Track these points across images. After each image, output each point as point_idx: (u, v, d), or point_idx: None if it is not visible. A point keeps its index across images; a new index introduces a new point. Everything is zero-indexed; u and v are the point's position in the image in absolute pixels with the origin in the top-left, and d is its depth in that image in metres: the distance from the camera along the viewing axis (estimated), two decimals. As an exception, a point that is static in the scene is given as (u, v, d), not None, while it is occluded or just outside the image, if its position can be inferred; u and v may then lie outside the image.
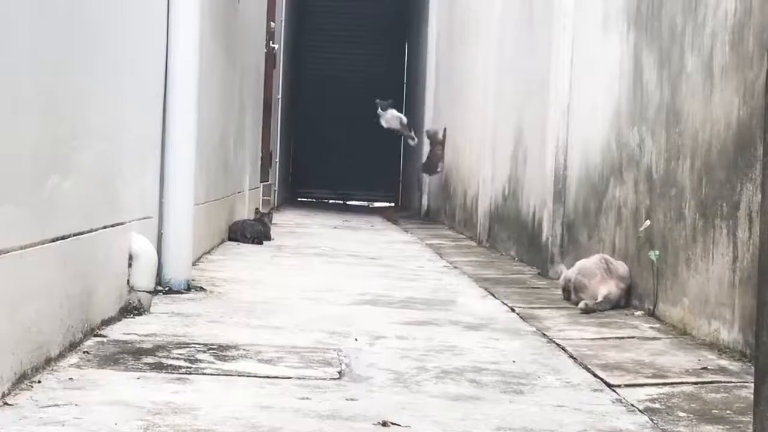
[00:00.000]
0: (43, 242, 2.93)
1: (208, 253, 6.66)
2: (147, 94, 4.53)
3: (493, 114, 8.86)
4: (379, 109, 12.78)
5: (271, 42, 11.61)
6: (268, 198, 11.92)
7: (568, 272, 5.15)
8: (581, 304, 4.74)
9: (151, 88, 4.62)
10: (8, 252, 2.63)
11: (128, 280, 4.04)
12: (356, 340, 3.80)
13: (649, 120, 4.81)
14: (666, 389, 3.17)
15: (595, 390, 3.15)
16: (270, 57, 11.64)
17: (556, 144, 6.33)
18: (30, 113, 2.83)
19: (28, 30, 2.79)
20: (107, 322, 3.73)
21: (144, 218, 4.40)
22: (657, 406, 2.94)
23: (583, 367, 3.48)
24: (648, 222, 4.72)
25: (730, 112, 3.89)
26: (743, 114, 3.78)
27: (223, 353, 3.39)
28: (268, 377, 3.08)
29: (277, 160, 13.74)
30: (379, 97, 13.19)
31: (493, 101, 8.94)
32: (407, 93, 18.74)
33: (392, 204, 18.03)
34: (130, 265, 4.05)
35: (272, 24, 11.67)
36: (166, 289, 4.75)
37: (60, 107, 3.12)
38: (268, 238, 8.12)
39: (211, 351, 3.41)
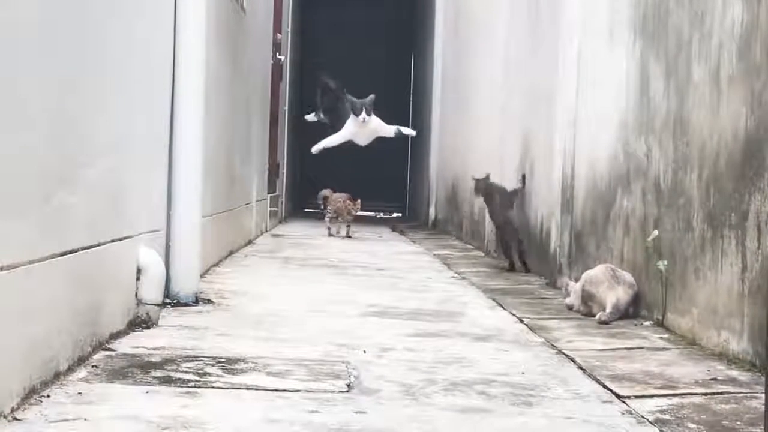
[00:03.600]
0: (51, 257, 2.93)
1: (216, 265, 6.65)
2: (154, 107, 4.54)
3: (500, 124, 8.86)
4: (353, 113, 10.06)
5: (277, 53, 11.63)
6: (275, 209, 11.92)
7: (575, 285, 5.14)
8: (598, 316, 4.73)
9: (159, 101, 4.63)
10: (16, 267, 2.63)
11: (136, 294, 4.04)
12: (365, 352, 3.80)
13: (657, 130, 4.80)
14: (676, 400, 3.16)
15: (605, 401, 3.14)
16: (276, 68, 11.66)
17: (563, 154, 6.32)
18: (38, 130, 2.84)
19: (38, 50, 2.79)
20: (116, 336, 3.73)
21: (152, 231, 4.40)
22: (667, 417, 2.94)
23: (593, 378, 3.47)
24: (656, 232, 4.71)
25: (737, 122, 3.89)
26: (750, 124, 3.78)
27: (232, 366, 3.39)
28: (276, 390, 3.07)
29: (284, 171, 13.75)
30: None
31: (499, 112, 8.94)
32: (414, 103, 18.75)
33: (399, 214, 18.02)
34: (138, 279, 4.05)
35: (278, 36, 11.69)
36: (175, 301, 4.75)
37: (68, 124, 3.12)
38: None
39: (219, 364, 3.41)
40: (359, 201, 10.78)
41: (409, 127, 12.69)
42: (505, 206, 7.44)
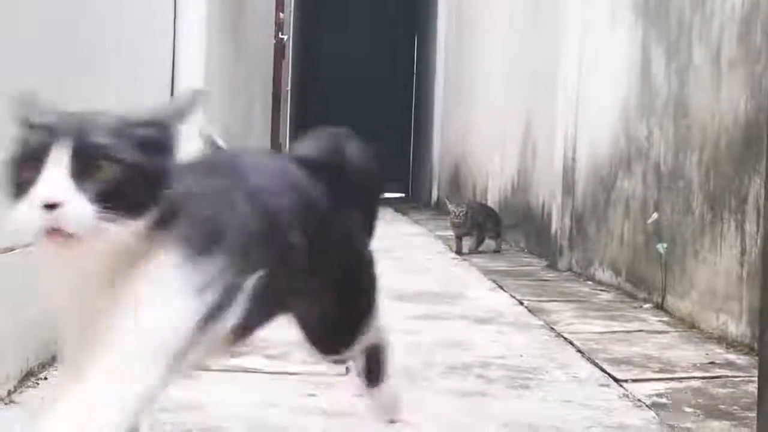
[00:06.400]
0: (50, 239, 2.93)
1: (217, 246, 6.65)
2: (153, 90, 4.53)
3: (502, 106, 8.85)
4: None
5: (280, 33, 11.60)
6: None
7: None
8: None
9: (158, 82, 4.62)
10: (14, 249, 2.63)
11: (136, 276, 4.02)
12: (364, 334, 3.79)
13: (658, 113, 4.80)
14: (673, 384, 3.16)
15: (602, 385, 3.14)
16: (279, 49, 11.64)
17: (565, 136, 6.32)
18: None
19: (36, 27, 2.79)
20: (115, 318, 3.73)
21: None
22: (664, 401, 2.94)
23: (591, 362, 3.47)
24: (656, 214, 4.71)
25: (737, 105, 3.88)
26: (750, 107, 3.77)
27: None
28: (275, 373, 3.08)
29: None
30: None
31: (501, 94, 8.93)
32: (417, 84, 18.73)
33: (402, 195, 18.02)
34: (138, 261, 4.04)
35: (281, 15, 11.66)
36: (175, 283, 4.74)
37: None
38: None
39: (218, 346, 3.41)
40: None
41: None
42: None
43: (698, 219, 4.24)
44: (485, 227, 7.40)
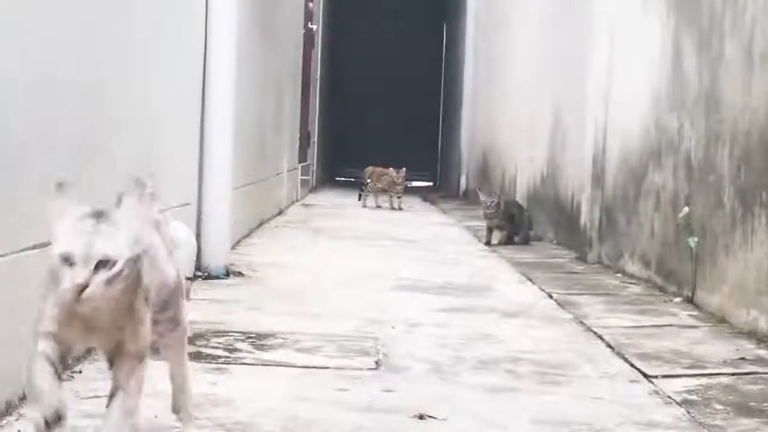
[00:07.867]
0: (83, 233, 2.95)
1: (247, 236, 6.69)
2: (186, 81, 4.55)
3: (532, 97, 8.83)
4: None
5: (309, 22, 11.61)
6: (306, 178, 11.94)
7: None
8: None
9: (190, 75, 4.64)
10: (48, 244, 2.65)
11: (168, 267, 4.04)
12: (393, 328, 3.81)
13: (689, 106, 4.77)
14: (703, 380, 3.16)
15: (632, 381, 3.14)
16: (308, 37, 11.64)
17: (595, 127, 6.30)
18: (70, 107, 2.86)
19: (66, 22, 2.81)
20: (147, 310, 3.75)
21: (183, 204, 4.42)
22: (694, 398, 2.93)
23: (621, 357, 3.47)
24: (687, 208, 4.69)
25: (770, 99, 3.86)
26: (783, 102, 3.75)
27: (262, 342, 3.41)
28: (305, 367, 3.10)
29: (315, 140, 13.75)
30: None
31: (530, 85, 8.90)
32: (445, 72, 18.70)
33: (431, 184, 18.02)
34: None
35: (310, 4, 11.66)
36: (205, 275, 4.79)
37: (100, 101, 3.14)
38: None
39: (249, 339, 3.44)
40: (403, 169, 10.72)
41: None
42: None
43: (729, 213, 4.23)
44: (517, 221, 7.38)
